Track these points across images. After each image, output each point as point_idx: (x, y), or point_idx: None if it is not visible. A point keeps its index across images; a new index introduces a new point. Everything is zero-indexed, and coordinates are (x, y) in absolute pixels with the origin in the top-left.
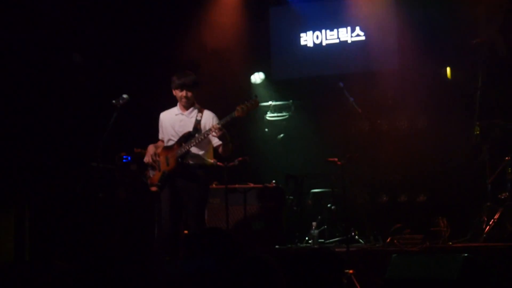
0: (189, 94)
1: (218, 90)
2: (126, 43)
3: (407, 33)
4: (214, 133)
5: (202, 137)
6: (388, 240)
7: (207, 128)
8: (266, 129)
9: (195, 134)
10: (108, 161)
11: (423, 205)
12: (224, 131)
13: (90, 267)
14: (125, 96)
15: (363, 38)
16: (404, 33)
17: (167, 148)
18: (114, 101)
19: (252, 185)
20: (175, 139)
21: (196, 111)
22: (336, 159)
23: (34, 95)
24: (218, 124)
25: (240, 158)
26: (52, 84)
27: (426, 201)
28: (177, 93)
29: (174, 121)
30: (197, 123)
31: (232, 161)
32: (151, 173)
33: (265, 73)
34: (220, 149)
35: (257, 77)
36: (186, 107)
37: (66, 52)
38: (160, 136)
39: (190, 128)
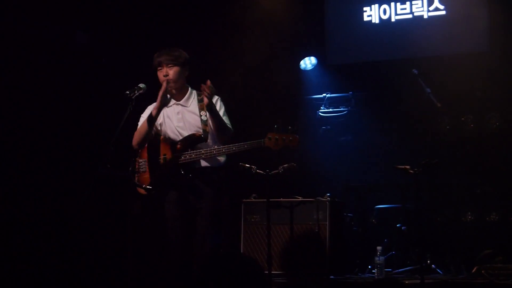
0: (171, 71)
1: (258, 80)
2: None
3: (501, 5)
4: (205, 92)
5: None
6: (474, 270)
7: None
8: (323, 128)
9: (206, 137)
10: (120, 166)
11: None
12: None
13: None
14: (142, 85)
15: (443, 12)
16: (496, 6)
17: (167, 143)
18: (128, 92)
19: (300, 198)
20: (178, 137)
21: (193, 96)
22: (407, 167)
23: (25, 79)
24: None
25: (285, 165)
26: (50, 68)
27: None
28: (159, 74)
29: (168, 114)
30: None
31: (275, 168)
32: (141, 168)
33: (318, 57)
34: (215, 133)
35: (308, 63)
36: (181, 90)
37: (68, 31)
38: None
39: (195, 125)
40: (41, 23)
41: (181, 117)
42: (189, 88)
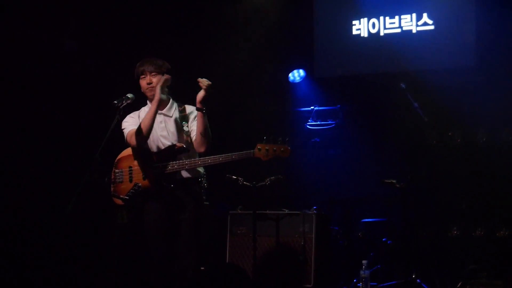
0: (155, 80)
1: (248, 90)
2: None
3: (488, 22)
4: (203, 85)
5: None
6: (459, 285)
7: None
8: (312, 140)
9: (189, 147)
10: (106, 176)
11: (504, 241)
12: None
13: None
14: (130, 95)
15: (431, 27)
16: (484, 22)
17: (147, 156)
18: (116, 102)
19: (287, 211)
20: (161, 147)
21: (175, 107)
22: (394, 181)
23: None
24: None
25: (272, 177)
26: (38, 75)
27: (508, 237)
28: (141, 82)
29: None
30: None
31: (262, 180)
32: (117, 179)
33: (306, 69)
34: (198, 138)
35: (297, 75)
36: (163, 100)
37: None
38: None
39: (178, 134)
40: (31, 30)
41: (164, 126)
42: (171, 99)
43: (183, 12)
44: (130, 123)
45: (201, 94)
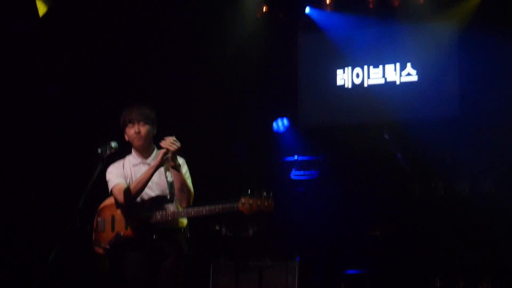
0: (143, 129)
1: (232, 139)
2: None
3: (471, 73)
4: (168, 146)
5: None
6: None
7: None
8: (296, 190)
9: (172, 198)
10: (89, 224)
11: None
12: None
13: None
14: (114, 144)
15: (415, 78)
16: (467, 73)
17: (131, 205)
18: (99, 150)
19: (270, 261)
20: (144, 197)
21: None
22: (377, 232)
23: None
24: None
25: (255, 227)
26: (18, 123)
27: None
28: (129, 130)
29: (135, 174)
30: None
31: (244, 230)
32: (99, 227)
33: (290, 119)
34: (177, 194)
35: (281, 124)
36: (148, 149)
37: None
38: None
39: (161, 185)
40: (14, 76)
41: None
42: (155, 148)
43: (167, 56)
44: (115, 175)
45: (169, 154)
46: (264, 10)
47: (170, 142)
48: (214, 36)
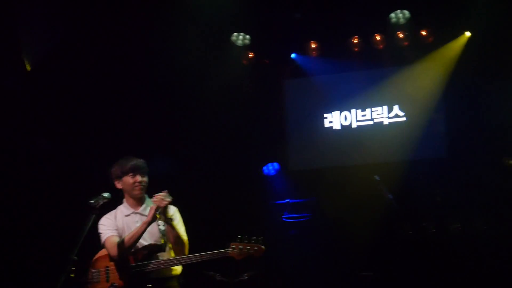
0: (144, 180)
1: (223, 183)
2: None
3: (458, 114)
4: (158, 203)
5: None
6: None
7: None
8: (289, 232)
9: (165, 247)
10: (83, 276)
11: None
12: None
13: None
14: (106, 194)
15: (403, 119)
16: (454, 114)
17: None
18: (92, 201)
19: None
20: (137, 247)
21: (150, 206)
22: (371, 273)
23: None
24: (168, 197)
25: (249, 272)
26: (10, 176)
27: None
28: (128, 180)
29: (128, 224)
30: (159, 225)
31: (239, 275)
32: (94, 279)
33: (280, 163)
34: (172, 246)
35: (271, 168)
36: (140, 199)
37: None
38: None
39: (154, 234)
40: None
41: (138, 226)
42: (147, 197)
43: (154, 104)
44: (107, 227)
45: (160, 209)
46: (250, 56)
47: (160, 199)
48: (201, 84)
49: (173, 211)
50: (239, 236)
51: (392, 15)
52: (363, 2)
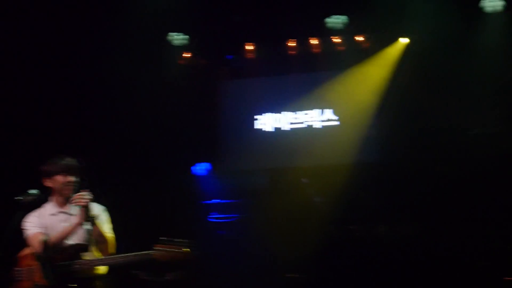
0: (76, 179)
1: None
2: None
3: (392, 120)
4: (77, 202)
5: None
6: None
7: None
8: (218, 232)
9: (90, 247)
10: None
11: None
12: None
13: None
14: (35, 191)
15: (336, 123)
16: (388, 119)
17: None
18: (20, 198)
19: None
20: (62, 246)
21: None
22: (296, 275)
23: None
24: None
25: (174, 272)
26: None
27: None
28: (59, 179)
29: (53, 223)
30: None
31: (163, 275)
32: (17, 277)
33: (211, 163)
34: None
35: (200, 168)
36: (66, 199)
37: None
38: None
39: (80, 234)
40: None
41: (66, 226)
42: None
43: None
44: (33, 224)
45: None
46: (186, 56)
47: (79, 198)
48: (135, 82)
49: (99, 210)
50: (163, 238)
51: (329, 19)
52: (301, 6)
